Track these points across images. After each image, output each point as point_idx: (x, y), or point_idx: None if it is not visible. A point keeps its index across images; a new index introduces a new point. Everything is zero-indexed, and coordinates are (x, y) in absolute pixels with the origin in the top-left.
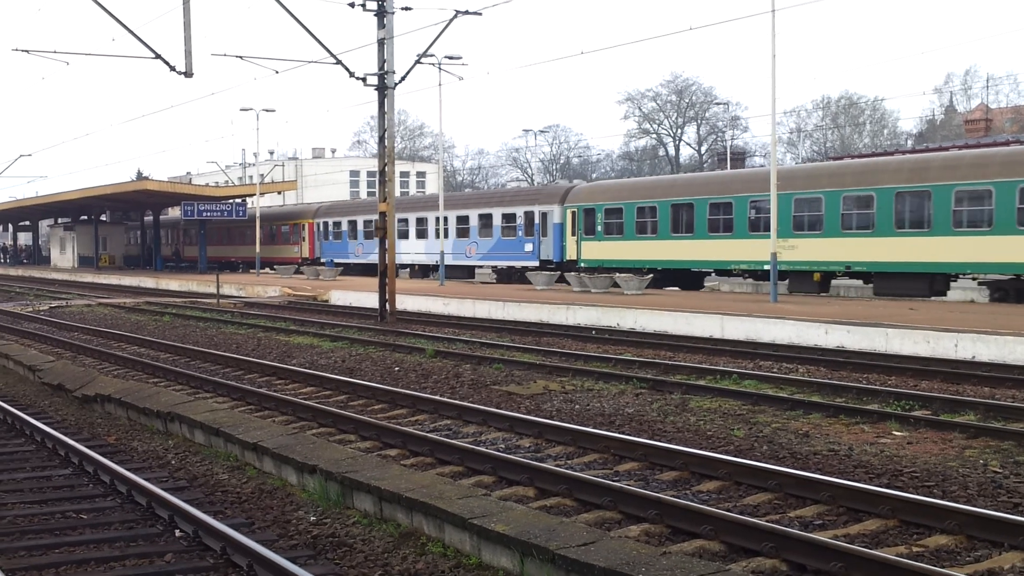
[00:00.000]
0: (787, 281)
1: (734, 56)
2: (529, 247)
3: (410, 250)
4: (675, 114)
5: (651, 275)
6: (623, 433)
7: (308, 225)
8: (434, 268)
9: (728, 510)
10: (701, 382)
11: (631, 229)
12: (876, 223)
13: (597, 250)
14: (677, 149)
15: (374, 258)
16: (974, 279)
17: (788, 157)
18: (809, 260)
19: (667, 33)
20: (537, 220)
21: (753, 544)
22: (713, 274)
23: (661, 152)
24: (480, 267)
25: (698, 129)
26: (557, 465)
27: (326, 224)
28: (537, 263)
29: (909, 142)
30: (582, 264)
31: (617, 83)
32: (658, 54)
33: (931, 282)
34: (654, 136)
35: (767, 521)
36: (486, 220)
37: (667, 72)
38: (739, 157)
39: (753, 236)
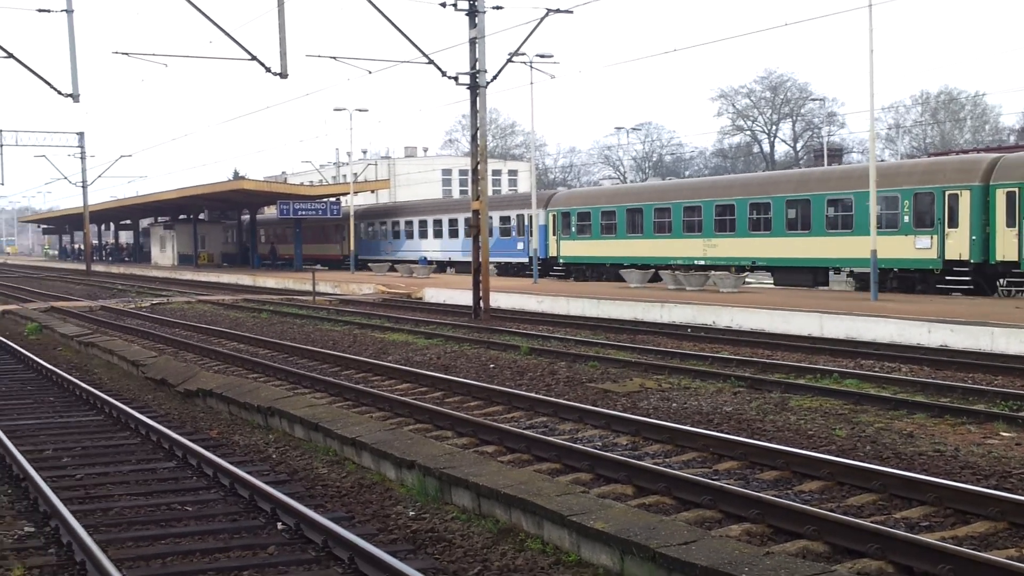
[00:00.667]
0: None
1: (830, 51)
2: (520, 245)
3: (430, 248)
4: (769, 110)
5: (746, 274)
6: (722, 432)
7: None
8: (449, 264)
9: (831, 511)
10: (801, 381)
11: (597, 230)
12: (773, 226)
13: (572, 248)
14: (772, 146)
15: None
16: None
17: (887, 153)
18: (727, 257)
19: (761, 29)
20: (527, 222)
21: (858, 545)
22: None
23: (756, 149)
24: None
25: (793, 126)
26: (655, 463)
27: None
28: (526, 259)
29: (1011, 138)
30: (560, 260)
31: (710, 80)
32: (752, 50)
33: (814, 274)
34: (748, 133)
35: (872, 522)
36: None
37: (761, 68)
38: (836, 154)
39: (687, 236)
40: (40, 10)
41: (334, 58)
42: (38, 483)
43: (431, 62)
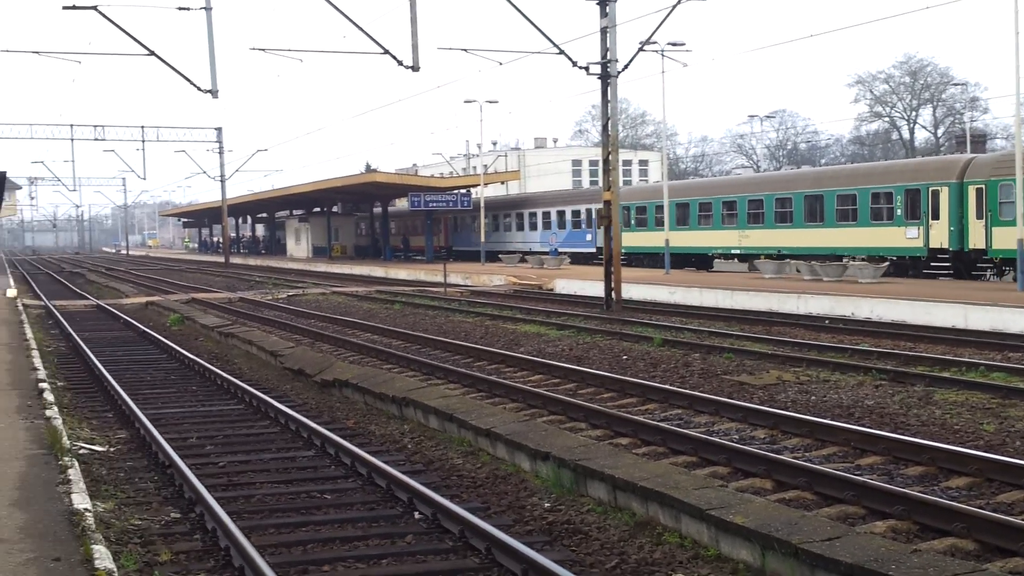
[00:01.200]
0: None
1: (973, 34)
2: (589, 236)
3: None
4: (909, 96)
5: (886, 263)
6: (863, 426)
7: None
8: (529, 253)
9: (980, 508)
10: (945, 374)
11: (652, 222)
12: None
13: (630, 239)
14: (912, 132)
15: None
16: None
17: None
18: (759, 247)
19: (901, 13)
20: (593, 215)
21: (1010, 544)
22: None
23: (894, 136)
24: (562, 253)
25: (934, 111)
26: (795, 457)
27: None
28: (594, 250)
29: None
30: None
31: (847, 65)
32: (891, 34)
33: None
34: (886, 119)
35: None
36: (562, 216)
37: (900, 52)
38: (979, 140)
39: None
40: (180, 8)
41: (465, 50)
42: (183, 470)
43: (562, 52)
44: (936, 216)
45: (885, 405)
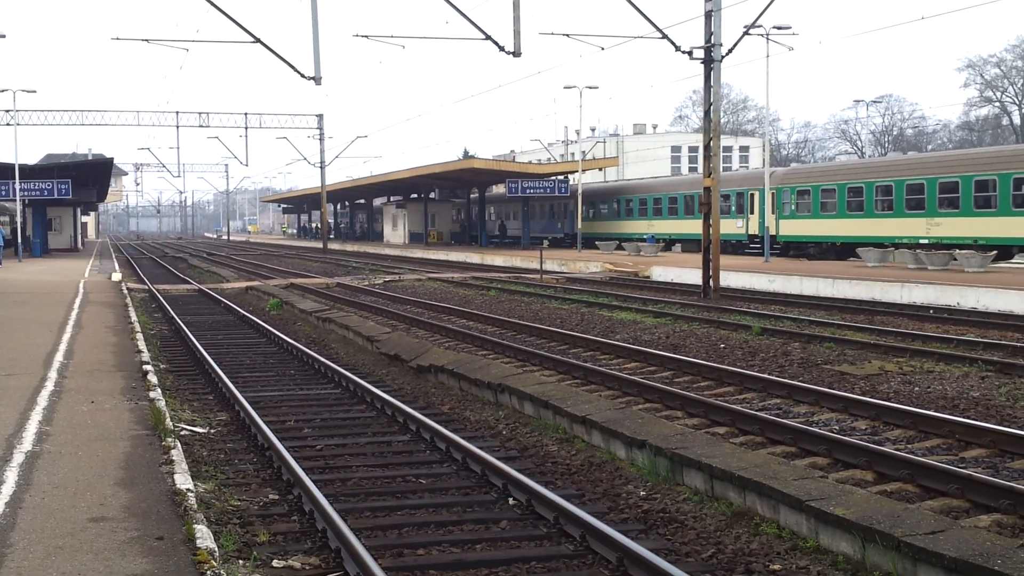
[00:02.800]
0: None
1: None
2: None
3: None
4: (1021, 81)
5: (994, 252)
6: (969, 418)
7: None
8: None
9: None
10: None
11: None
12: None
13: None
14: (1023, 118)
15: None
16: None
17: None
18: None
19: None
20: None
21: None
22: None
23: (1005, 122)
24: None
25: None
26: (897, 449)
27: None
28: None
29: None
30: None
31: (957, 49)
32: (1004, 16)
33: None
34: (997, 104)
35: None
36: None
37: (1013, 36)
38: None
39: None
40: None
41: (567, 35)
42: (282, 453)
43: (665, 36)
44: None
45: (991, 397)
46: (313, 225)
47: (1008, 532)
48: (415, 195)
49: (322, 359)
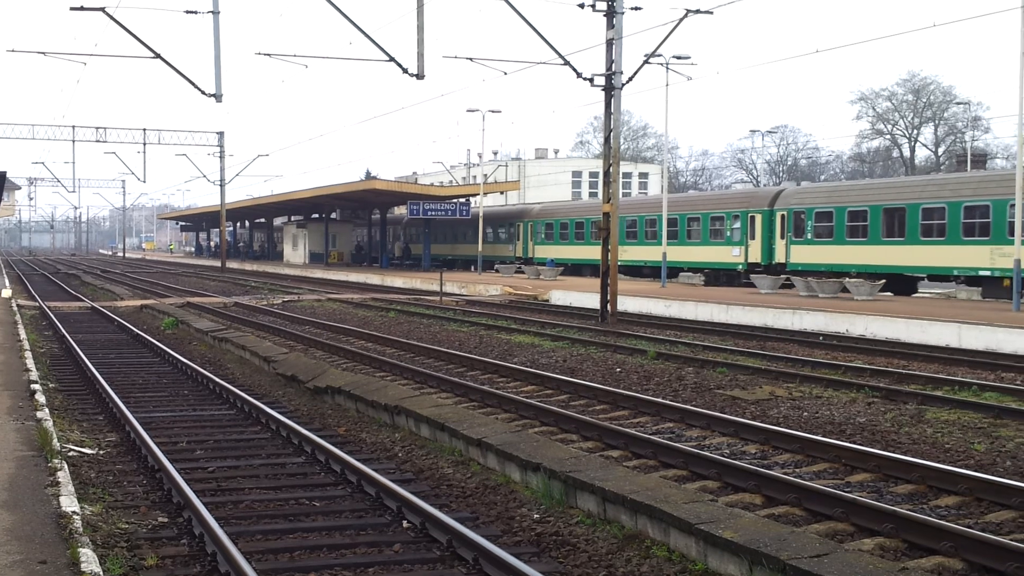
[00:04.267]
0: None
1: (977, 53)
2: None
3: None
4: (911, 114)
5: (883, 281)
6: (855, 443)
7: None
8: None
9: (969, 527)
10: (938, 393)
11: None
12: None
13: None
14: (912, 150)
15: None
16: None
17: None
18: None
19: (907, 31)
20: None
21: (997, 564)
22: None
23: (895, 154)
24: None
25: (935, 130)
26: (785, 473)
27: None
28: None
29: None
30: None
31: (850, 82)
32: (895, 52)
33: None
34: (888, 137)
35: (1012, 540)
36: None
37: (904, 70)
38: (980, 159)
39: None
40: (188, 11)
41: (470, 59)
42: (172, 475)
43: (567, 63)
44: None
45: (877, 422)
46: (212, 243)
47: (890, 556)
48: (316, 215)
49: (217, 379)
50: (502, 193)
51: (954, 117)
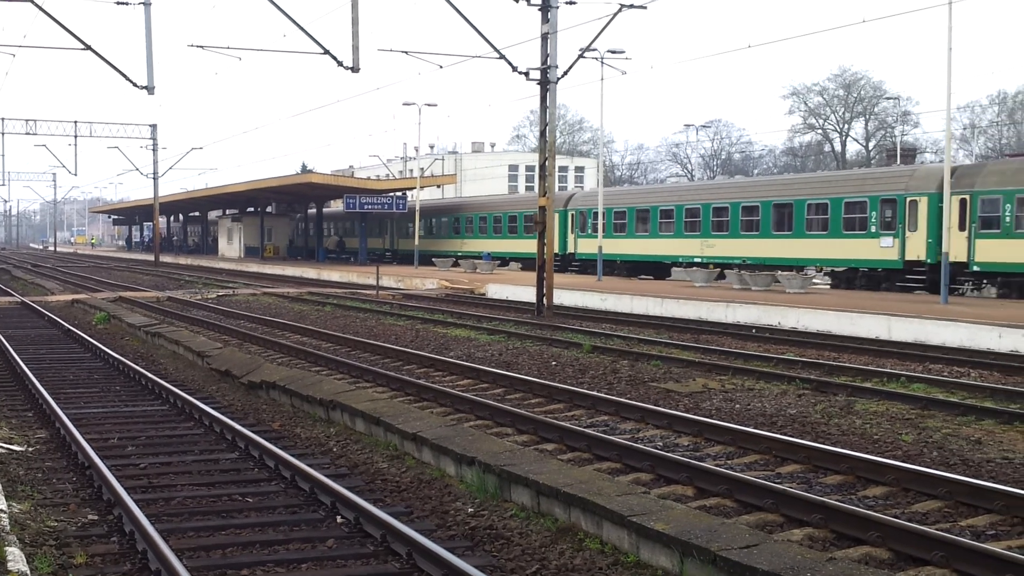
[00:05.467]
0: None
1: (906, 49)
2: None
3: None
4: (842, 109)
5: (815, 274)
6: (785, 434)
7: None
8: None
9: (896, 517)
10: (867, 384)
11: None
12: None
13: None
14: (843, 145)
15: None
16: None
17: (961, 154)
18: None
19: (838, 26)
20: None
21: (922, 553)
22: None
23: (827, 148)
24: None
25: (866, 124)
26: (717, 464)
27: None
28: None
29: None
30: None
31: (783, 77)
32: (826, 47)
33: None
34: (819, 131)
35: (937, 529)
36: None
37: (835, 65)
38: (909, 154)
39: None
40: (119, 2)
41: (406, 52)
42: (103, 471)
43: (502, 57)
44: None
45: (807, 414)
46: (145, 237)
47: (819, 546)
48: (252, 209)
49: (149, 375)
50: (439, 187)
51: (884, 112)
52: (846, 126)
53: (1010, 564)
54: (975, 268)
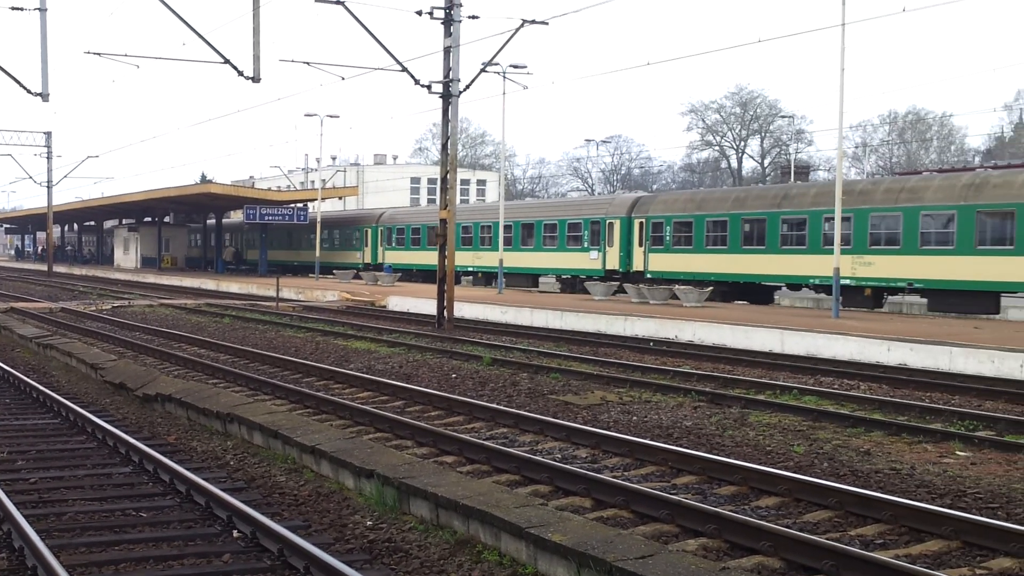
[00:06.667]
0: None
1: (801, 69)
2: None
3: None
4: (739, 126)
5: (711, 288)
6: (681, 446)
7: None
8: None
9: (787, 527)
10: (761, 397)
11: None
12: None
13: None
14: (740, 162)
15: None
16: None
17: (852, 172)
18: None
19: (734, 45)
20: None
21: (813, 562)
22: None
23: (724, 164)
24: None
25: (762, 142)
26: (614, 476)
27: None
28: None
29: (977, 159)
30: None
31: (681, 94)
32: (724, 66)
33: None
34: (717, 148)
35: (827, 539)
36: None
37: (732, 84)
38: (803, 171)
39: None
40: (13, 8)
41: (307, 63)
42: None
43: (405, 70)
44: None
45: (703, 426)
46: (39, 248)
47: (713, 556)
48: (149, 219)
49: (41, 387)
50: (341, 199)
51: (779, 130)
52: (742, 143)
53: (898, 573)
54: (648, 275)
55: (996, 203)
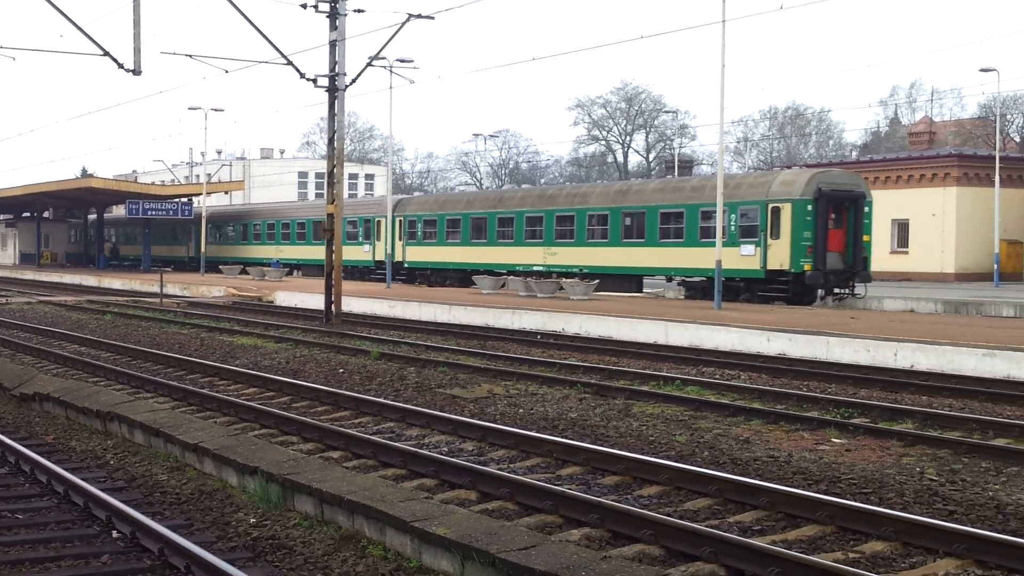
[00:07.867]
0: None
1: (684, 65)
2: None
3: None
4: (624, 121)
5: (596, 281)
6: (566, 437)
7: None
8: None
9: (668, 515)
10: (644, 388)
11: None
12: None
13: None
14: (625, 156)
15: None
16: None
17: (735, 166)
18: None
19: (618, 41)
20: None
21: (692, 549)
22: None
23: (610, 159)
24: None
25: (647, 137)
26: (500, 469)
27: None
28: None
29: (854, 153)
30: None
31: (568, 89)
32: (609, 61)
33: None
34: (603, 143)
35: (706, 526)
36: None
37: (617, 79)
38: (687, 165)
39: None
40: None
41: (190, 56)
42: None
43: (290, 63)
44: None
45: (587, 417)
46: None
47: (595, 545)
48: (28, 214)
49: None
50: (227, 193)
51: (663, 125)
52: (628, 138)
53: (774, 558)
54: (406, 265)
55: (634, 206)
